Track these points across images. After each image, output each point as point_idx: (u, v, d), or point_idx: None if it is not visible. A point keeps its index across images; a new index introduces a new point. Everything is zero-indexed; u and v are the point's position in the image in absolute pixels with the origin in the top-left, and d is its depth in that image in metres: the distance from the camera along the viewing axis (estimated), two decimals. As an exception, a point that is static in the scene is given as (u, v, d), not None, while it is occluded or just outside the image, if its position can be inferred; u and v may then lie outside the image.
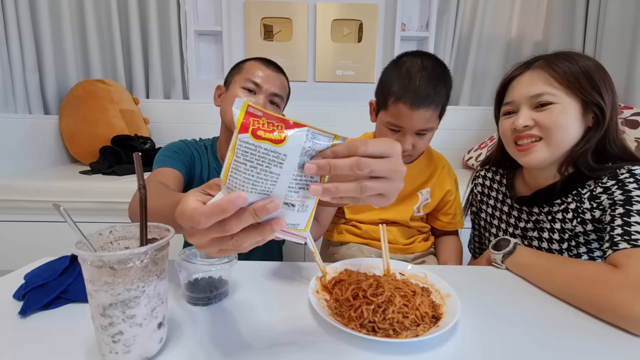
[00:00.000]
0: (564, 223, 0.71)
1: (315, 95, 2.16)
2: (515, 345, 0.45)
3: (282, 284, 0.60)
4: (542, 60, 0.71)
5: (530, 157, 0.70)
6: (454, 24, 2.12)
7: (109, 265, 0.35)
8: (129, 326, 0.37)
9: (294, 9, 2.09)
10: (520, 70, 0.74)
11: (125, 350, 0.38)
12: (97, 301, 0.36)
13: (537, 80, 0.69)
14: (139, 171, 0.40)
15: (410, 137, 0.78)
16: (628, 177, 0.62)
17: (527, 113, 0.69)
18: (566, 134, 0.67)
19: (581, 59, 0.68)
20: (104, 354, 0.38)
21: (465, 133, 2.15)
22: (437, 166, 0.93)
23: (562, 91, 0.67)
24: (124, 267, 0.36)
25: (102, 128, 1.79)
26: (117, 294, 0.36)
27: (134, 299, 0.37)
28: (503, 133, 0.76)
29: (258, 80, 0.86)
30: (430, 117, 0.75)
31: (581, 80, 0.66)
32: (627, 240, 0.55)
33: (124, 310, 0.37)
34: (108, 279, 0.36)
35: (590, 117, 0.68)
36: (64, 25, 1.90)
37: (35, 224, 1.45)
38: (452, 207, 0.94)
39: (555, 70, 0.67)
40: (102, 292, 0.36)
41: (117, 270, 0.36)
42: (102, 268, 0.35)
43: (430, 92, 0.73)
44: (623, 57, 1.68)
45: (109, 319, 0.37)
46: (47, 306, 0.49)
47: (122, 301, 0.36)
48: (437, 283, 0.57)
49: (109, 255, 0.35)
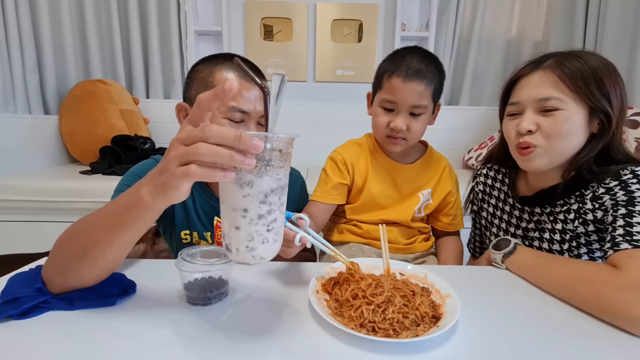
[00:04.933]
0: (566, 224, 0.71)
1: (315, 95, 2.16)
2: (515, 345, 0.45)
3: (282, 284, 0.60)
4: (553, 59, 0.68)
5: (532, 163, 0.69)
6: (454, 24, 2.12)
7: (279, 148, 0.36)
8: (280, 214, 0.38)
9: (294, 9, 2.09)
10: (529, 70, 0.70)
11: (275, 239, 0.39)
12: (258, 189, 0.36)
13: (546, 82, 0.66)
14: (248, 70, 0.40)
15: (404, 115, 0.79)
16: (631, 178, 0.62)
17: (532, 117, 0.67)
18: (568, 143, 0.66)
19: (593, 60, 0.65)
20: (254, 247, 0.38)
21: (465, 133, 2.16)
22: (438, 167, 0.92)
23: (570, 97, 0.64)
24: (286, 152, 0.36)
25: (102, 128, 1.79)
26: (279, 178, 0.36)
27: (285, 185, 0.38)
28: (507, 135, 0.74)
29: (246, 107, 0.67)
30: (422, 92, 0.77)
31: (591, 85, 0.63)
32: (628, 241, 0.55)
33: (280, 197, 0.37)
34: (274, 163, 0.36)
35: (595, 123, 0.66)
36: (64, 25, 1.91)
37: (35, 224, 1.45)
38: (452, 208, 0.93)
39: (565, 73, 0.64)
40: (267, 177, 0.36)
41: (283, 154, 0.36)
42: (272, 151, 0.35)
43: (422, 67, 0.77)
44: (623, 57, 1.68)
45: (268, 206, 0.36)
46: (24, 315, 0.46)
47: (281, 187, 0.37)
48: (437, 283, 0.57)
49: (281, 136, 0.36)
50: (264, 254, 0.40)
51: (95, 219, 0.49)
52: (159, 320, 0.47)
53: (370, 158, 0.89)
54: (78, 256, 0.48)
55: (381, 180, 0.88)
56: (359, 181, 0.88)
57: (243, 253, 0.39)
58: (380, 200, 0.88)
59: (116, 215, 0.45)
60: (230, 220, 0.38)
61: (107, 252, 0.47)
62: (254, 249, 0.38)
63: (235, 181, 0.36)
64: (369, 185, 0.87)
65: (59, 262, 0.50)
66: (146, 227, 0.46)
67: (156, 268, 0.64)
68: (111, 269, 0.52)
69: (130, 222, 0.44)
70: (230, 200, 0.37)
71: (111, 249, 0.47)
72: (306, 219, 0.57)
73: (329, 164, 0.90)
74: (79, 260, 0.48)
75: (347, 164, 0.88)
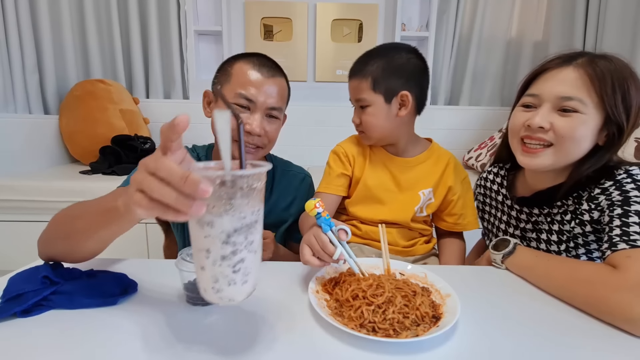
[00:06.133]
0: (562, 225, 0.71)
1: (315, 95, 2.16)
2: (515, 345, 0.45)
3: (282, 284, 0.60)
4: (587, 57, 0.64)
5: (534, 161, 0.67)
6: (454, 24, 2.12)
7: (240, 186, 0.33)
8: (249, 253, 0.35)
9: (294, 9, 2.09)
10: (558, 63, 0.66)
11: (244, 280, 0.36)
12: (219, 229, 0.34)
13: (576, 80, 0.63)
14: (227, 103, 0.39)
15: (357, 110, 0.86)
16: (625, 178, 0.62)
17: (548, 114, 0.64)
18: (578, 147, 0.64)
19: (625, 70, 0.63)
20: (220, 289, 0.36)
21: (465, 133, 2.16)
22: (440, 162, 0.89)
23: (594, 102, 0.62)
24: (251, 188, 0.34)
25: (102, 128, 1.79)
26: (243, 217, 0.34)
27: (254, 223, 0.35)
28: (513, 125, 0.71)
29: (251, 94, 0.73)
30: (357, 86, 0.82)
31: (617, 94, 0.61)
32: (625, 241, 0.55)
33: (246, 236, 0.35)
34: (235, 201, 0.33)
35: (604, 135, 0.65)
36: (64, 25, 1.90)
37: (35, 224, 1.45)
38: (456, 207, 0.90)
39: (597, 75, 0.62)
40: (228, 216, 0.33)
41: (246, 192, 0.33)
42: (232, 189, 0.33)
43: (361, 67, 0.82)
44: (623, 57, 1.68)
45: (232, 246, 0.34)
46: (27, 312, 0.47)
47: (247, 225, 0.34)
48: (437, 283, 0.57)
49: (244, 173, 0.33)
50: (232, 295, 0.37)
51: (82, 210, 0.53)
52: (159, 320, 0.48)
53: (369, 152, 0.90)
54: (62, 238, 0.55)
55: (377, 171, 0.88)
56: (358, 173, 0.89)
57: (210, 294, 0.37)
58: (377, 192, 0.87)
59: (97, 213, 0.49)
60: (196, 260, 0.37)
61: (86, 243, 0.53)
62: (220, 291, 0.36)
63: (196, 220, 0.34)
64: (365, 176, 0.87)
65: (48, 236, 0.57)
66: (123, 230, 0.49)
67: (157, 268, 0.64)
68: (89, 257, 0.57)
69: (107, 224, 0.48)
70: (193, 240, 0.36)
71: (90, 241, 0.52)
72: (348, 231, 0.57)
73: (332, 157, 0.92)
74: (62, 241, 0.55)
75: (349, 156, 0.90)
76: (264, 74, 0.74)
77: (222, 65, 0.80)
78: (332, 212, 0.89)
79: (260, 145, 0.78)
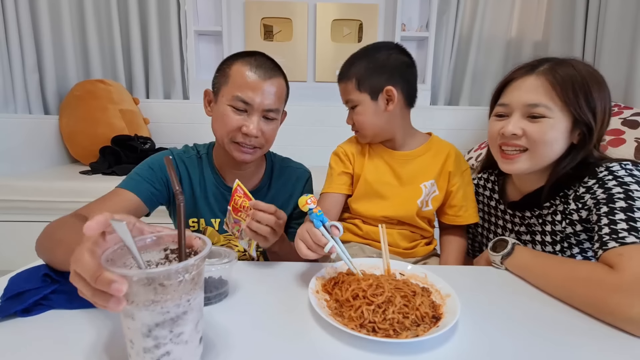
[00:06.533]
0: (554, 225, 0.72)
1: (315, 95, 2.16)
2: (515, 345, 0.45)
3: (282, 284, 0.60)
4: (548, 65, 0.68)
5: (513, 166, 0.71)
6: (454, 24, 2.12)
7: (159, 282, 0.32)
8: (176, 345, 0.34)
9: (294, 9, 2.09)
10: (523, 73, 0.71)
11: None
12: (140, 322, 0.33)
13: (539, 88, 0.67)
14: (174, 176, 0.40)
15: (350, 111, 0.88)
16: (607, 175, 0.63)
17: (519, 121, 0.68)
18: (551, 150, 0.67)
19: (585, 71, 0.66)
20: None
21: (465, 133, 2.15)
22: (440, 155, 0.89)
23: (558, 106, 0.65)
24: (174, 282, 0.32)
25: (102, 128, 1.79)
26: (166, 312, 0.33)
27: (182, 315, 0.34)
28: (490, 134, 0.76)
29: (248, 96, 0.74)
30: (344, 88, 0.87)
31: (579, 96, 0.64)
32: (614, 239, 0.56)
33: (172, 329, 0.33)
34: (155, 297, 0.32)
35: (576, 134, 0.67)
36: (64, 25, 1.91)
37: (35, 224, 1.44)
38: (456, 198, 0.88)
39: (557, 80, 0.65)
40: (148, 312, 0.32)
41: (167, 287, 0.32)
42: (149, 285, 0.32)
43: (345, 70, 0.86)
44: (623, 57, 1.68)
45: (154, 340, 0.33)
46: (27, 312, 0.47)
47: (171, 319, 0.33)
48: (437, 283, 0.57)
49: (158, 271, 0.32)
50: None
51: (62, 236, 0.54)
52: (159, 320, 0.47)
53: (368, 148, 0.91)
54: (49, 249, 0.56)
55: (377, 165, 0.88)
56: (358, 170, 0.89)
57: None
58: (378, 187, 0.87)
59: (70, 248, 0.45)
60: (126, 346, 0.36)
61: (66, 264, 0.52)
62: None
63: None
64: (365, 172, 0.88)
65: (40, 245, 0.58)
66: None
67: (156, 268, 0.64)
68: None
69: None
70: (122, 327, 0.35)
71: None
72: (340, 228, 0.58)
73: (333, 158, 0.93)
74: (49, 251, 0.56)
75: (348, 155, 0.91)
76: (261, 76, 0.75)
77: (221, 65, 0.80)
78: (337, 211, 0.90)
79: (258, 146, 0.79)
